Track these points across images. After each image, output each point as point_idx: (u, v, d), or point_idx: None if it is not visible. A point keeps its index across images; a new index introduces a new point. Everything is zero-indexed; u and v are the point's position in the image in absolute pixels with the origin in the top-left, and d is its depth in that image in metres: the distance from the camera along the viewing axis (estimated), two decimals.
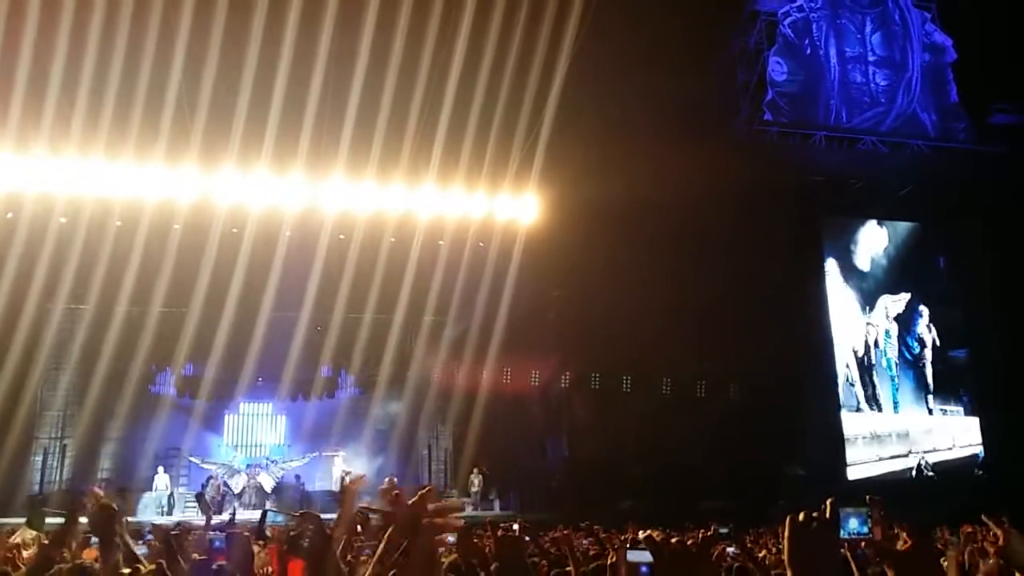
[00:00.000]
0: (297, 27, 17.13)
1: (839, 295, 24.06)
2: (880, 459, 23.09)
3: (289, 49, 17.23)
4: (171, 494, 19.21)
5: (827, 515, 1.79)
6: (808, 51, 24.64)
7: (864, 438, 23.17)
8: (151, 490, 19.24)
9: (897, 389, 24.10)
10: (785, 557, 1.78)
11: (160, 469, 19.54)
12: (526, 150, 19.40)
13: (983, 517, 2.80)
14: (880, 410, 23.66)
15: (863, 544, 1.84)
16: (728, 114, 23.39)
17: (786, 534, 1.77)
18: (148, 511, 18.33)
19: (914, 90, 24.99)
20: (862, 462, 22.92)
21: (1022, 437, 20.81)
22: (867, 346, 24.02)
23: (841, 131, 24.25)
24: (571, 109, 19.29)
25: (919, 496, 20.10)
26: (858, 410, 23.47)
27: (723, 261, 19.89)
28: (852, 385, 23.59)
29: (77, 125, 17.14)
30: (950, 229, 24.85)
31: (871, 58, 25.17)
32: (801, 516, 1.78)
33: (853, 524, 1.83)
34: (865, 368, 23.84)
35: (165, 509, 18.71)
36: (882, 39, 25.36)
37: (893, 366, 24.22)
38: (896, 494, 19.88)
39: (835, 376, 23.17)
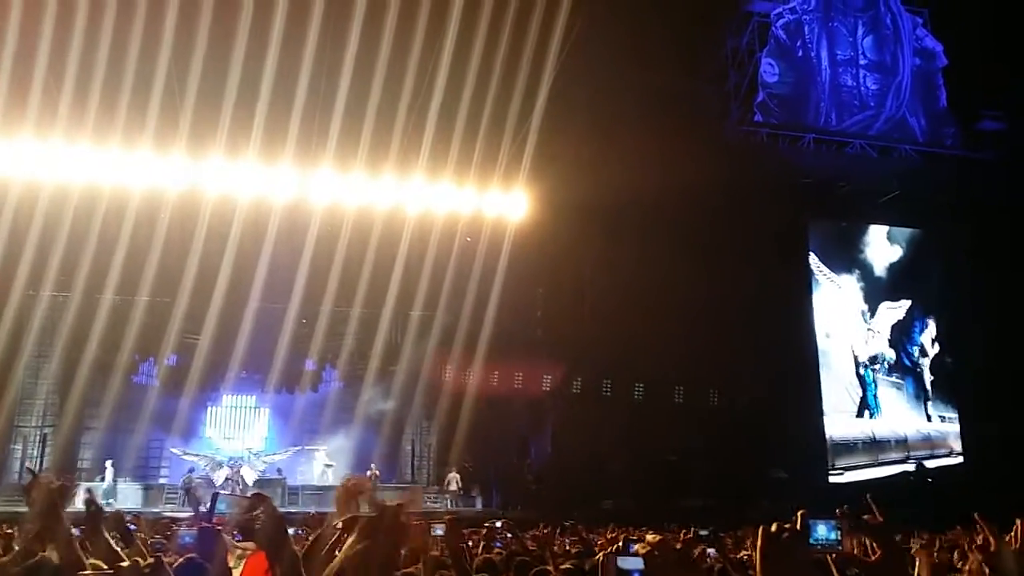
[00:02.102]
0: (287, 17, 17.01)
1: (834, 299, 24.12)
2: (879, 463, 23.21)
3: (279, 38, 17.11)
4: (115, 486, 18.87)
5: (798, 526, 1.80)
6: (800, 53, 24.70)
7: (864, 443, 23.28)
8: (99, 479, 18.91)
9: (897, 395, 24.23)
10: (757, 568, 1.78)
11: (108, 462, 19.23)
12: (516, 146, 19.38)
13: (976, 516, 2.79)
14: (880, 415, 23.79)
15: (834, 556, 1.85)
16: (719, 114, 23.42)
17: (758, 545, 1.77)
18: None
19: (904, 95, 25.09)
20: (860, 466, 23.00)
21: (1009, 444, 20.85)
22: (867, 352, 24.13)
23: (830, 134, 24.33)
24: (562, 106, 19.27)
25: (916, 501, 20.06)
26: (858, 415, 23.57)
27: (710, 261, 19.92)
28: (851, 390, 23.69)
29: (64, 111, 16.99)
30: (942, 235, 24.95)
31: (862, 61, 25.26)
32: (773, 527, 1.78)
33: (821, 531, 1.84)
34: (864, 374, 23.94)
35: (112, 500, 18.28)
36: (873, 43, 25.45)
37: (893, 372, 24.33)
38: (893, 499, 19.96)
39: (819, 379, 23.24)
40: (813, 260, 24.12)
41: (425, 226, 19.93)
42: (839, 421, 23.22)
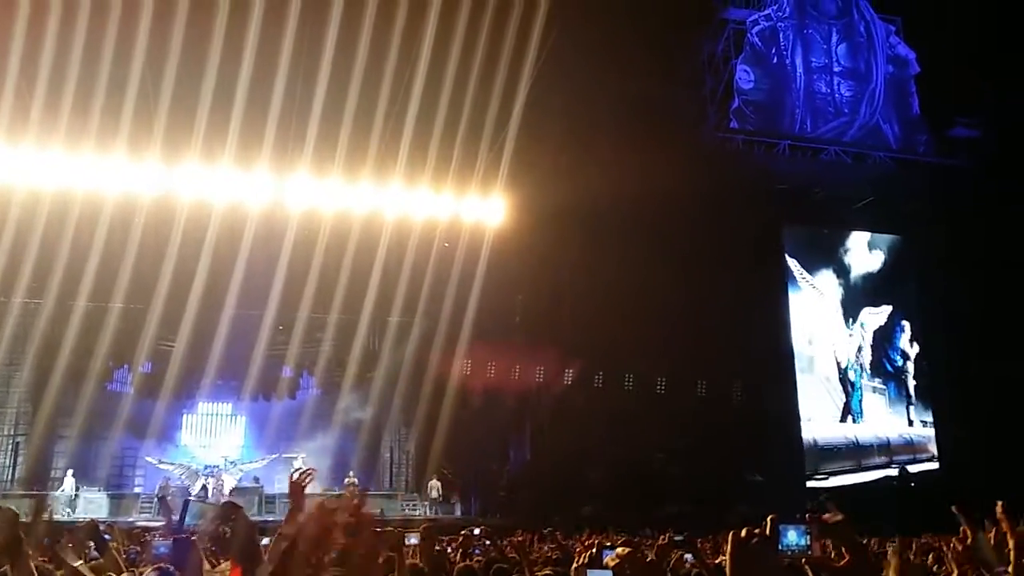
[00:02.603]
0: (263, 20, 16.92)
1: (815, 305, 24.27)
2: (862, 468, 23.36)
3: (255, 42, 17.01)
4: (76, 495, 18.58)
5: (767, 532, 1.79)
6: (775, 60, 24.91)
7: (847, 447, 23.41)
8: (60, 490, 18.61)
9: (879, 400, 24.40)
10: (728, 573, 1.78)
11: (69, 471, 18.98)
12: (494, 152, 19.38)
13: (954, 508, 2.79)
14: (863, 420, 23.94)
15: (803, 561, 1.85)
16: (695, 121, 23.54)
17: (728, 551, 1.77)
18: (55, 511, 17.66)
19: (877, 102, 25.36)
20: (843, 471, 23.15)
21: (984, 449, 21.00)
22: (850, 357, 24.30)
23: (805, 140, 24.54)
24: (539, 112, 19.31)
25: (898, 505, 20.16)
26: (842, 420, 23.72)
27: (687, 267, 20.00)
28: (834, 395, 23.83)
29: (36, 115, 16.78)
30: (916, 241, 25.17)
31: (836, 69, 25.51)
32: (743, 532, 1.78)
33: (792, 537, 1.83)
34: (855, 379, 24.10)
35: (70, 511, 17.88)
36: (847, 50, 25.71)
37: (876, 377, 24.51)
38: (875, 503, 20.09)
39: (795, 383, 23.38)
40: (794, 265, 24.27)
41: (403, 232, 19.85)
42: (822, 426, 23.32)
